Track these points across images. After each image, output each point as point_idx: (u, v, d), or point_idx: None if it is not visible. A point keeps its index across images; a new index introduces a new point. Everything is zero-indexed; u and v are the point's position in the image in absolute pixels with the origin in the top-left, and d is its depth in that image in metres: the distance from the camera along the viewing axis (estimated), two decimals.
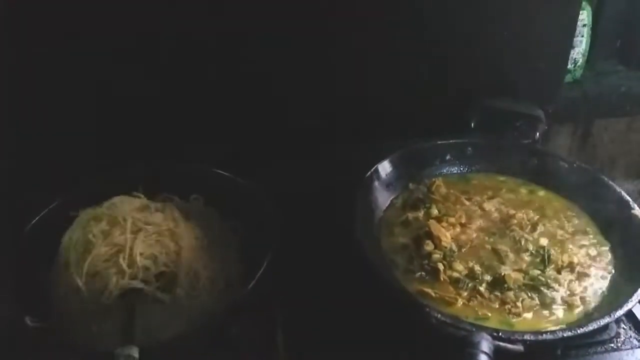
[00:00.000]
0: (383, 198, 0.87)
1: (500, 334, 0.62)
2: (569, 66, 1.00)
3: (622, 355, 0.72)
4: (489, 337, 0.59)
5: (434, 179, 0.90)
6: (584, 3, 0.95)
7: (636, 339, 0.74)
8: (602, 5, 1.01)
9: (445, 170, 0.92)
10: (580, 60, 1.01)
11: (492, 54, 0.92)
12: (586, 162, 1.10)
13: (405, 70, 0.91)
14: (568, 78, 1.02)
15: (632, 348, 0.73)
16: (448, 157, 0.92)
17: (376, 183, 0.86)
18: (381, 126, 0.92)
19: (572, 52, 0.99)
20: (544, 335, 0.62)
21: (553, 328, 0.68)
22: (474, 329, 0.61)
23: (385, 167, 0.87)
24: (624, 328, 0.74)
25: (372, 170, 0.86)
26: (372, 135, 0.92)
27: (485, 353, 0.57)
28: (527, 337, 0.62)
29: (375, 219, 0.84)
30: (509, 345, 0.60)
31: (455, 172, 0.92)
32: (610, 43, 1.04)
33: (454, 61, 0.91)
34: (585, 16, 0.97)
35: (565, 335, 0.62)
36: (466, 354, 0.57)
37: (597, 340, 0.71)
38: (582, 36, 0.98)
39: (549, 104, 0.95)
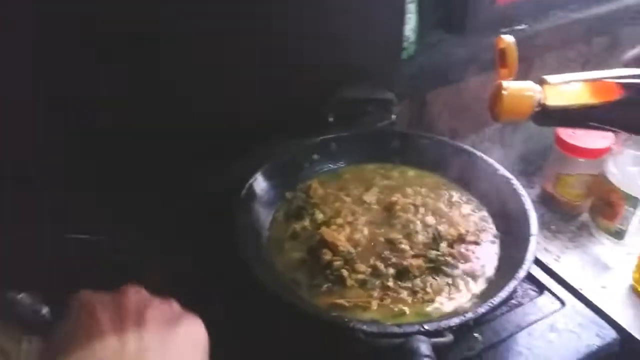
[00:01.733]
0: (264, 215, 0.81)
1: (427, 327, 0.61)
2: (404, 44, 1.02)
3: (526, 308, 0.76)
4: (424, 339, 0.58)
5: (309, 182, 0.87)
6: None
7: (532, 290, 0.79)
8: None
9: (316, 171, 0.89)
10: (412, 37, 1.04)
11: (333, 46, 0.90)
12: (428, 132, 1.15)
13: (252, 80, 0.86)
14: (403, 55, 1.04)
15: (531, 299, 0.77)
16: (315, 156, 0.90)
17: (254, 202, 0.80)
18: (240, 138, 0.86)
19: (409, 30, 1.01)
20: (467, 315, 0.62)
21: (468, 304, 0.69)
22: (407, 333, 0.59)
23: (259, 183, 0.82)
24: None
25: (245, 189, 0.80)
26: (233, 149, 0.85)
27: (428, 356, 0.56)
28: (453, 323, 0.62)
29: (263, 240, 0.78)
30: (442, 339, 0.60)
31: (326, 170, 0.90)
32: (434, 14, 1.08)
33: (298, 60, 0.87)
34: None
35: (485, 310, 0.63)
36: None
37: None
38: (411, 12, 1.01)
39: (393, 85, 0.96)
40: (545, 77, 0.57)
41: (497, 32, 1.16)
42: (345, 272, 0.72)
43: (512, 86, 0.56)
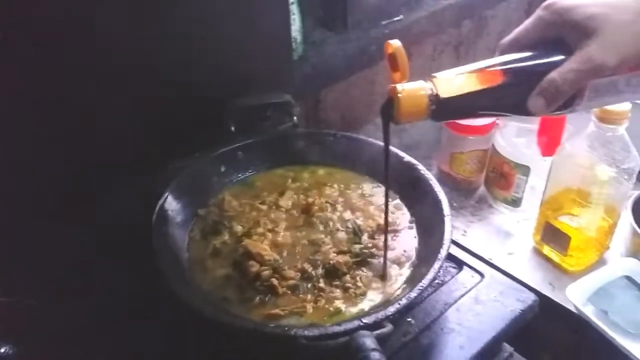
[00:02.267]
0: (180, 236, 0.78)
1: (366, 321, 0.62)
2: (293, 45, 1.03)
3: (450, 286, 0.79)
4: (368, 333, 0.58)
5: (220, 196, 0.84)
6: None
7: (452, 267, 0.82)
8: None
9: (226, 183, 0.87)
10: (299, 37, 1.04)
11: (224, 56, 0.88)
12: (325, 128, 1.16)
13: (149, 99, 0.82)
14: (294, 56, 1.05)
15: (453, 276, 0.81)
16: (223, 168, 0.87)
17: (167, 225, 0.77)
18: (149, 157, 0.82)
19: (295, 31, 1.01)
20: (402, 302, 0.64)
21: (399, 290, 0.70)
22: (349, 331, 0.59)
23: (169, 204, 0.78)
24: None
25: (156, 213, 0.76)
26: (138, 171, 0.81)
27: (375, 349, 0.56)
28: (390, 312, 0.63)
29: (183, 263, 0.75)
30: (383, 330, 0.61)
31: (236, 181, 0.88)
32: (316, 14, 1.10)
33: (195, 72, 0.85)
34: None
35: (417, 293, 0.65)
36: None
37: None
38: (294, 13, 1.01)
39: (289, 87, 0.96)
40: (434, 74, 0.59)
41: (377, 25, 1.20)
42: (275, 281, 0.71)
43: (405, 88, 0.58)
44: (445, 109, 0.58)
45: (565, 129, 1.07)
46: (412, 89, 0.58)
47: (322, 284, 0.72)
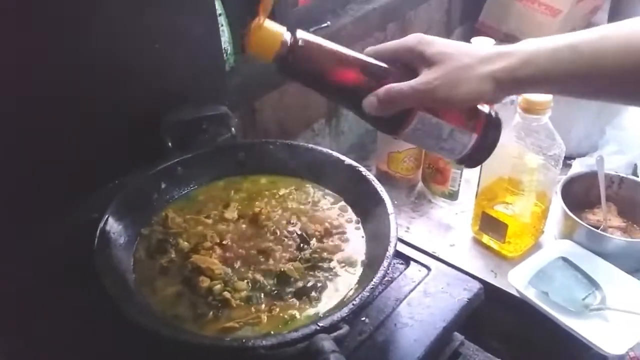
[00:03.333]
0: (125, 258, 0.76)
1: (322, 324, 0.62)
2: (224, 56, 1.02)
3: (399, 281, 0.81)
4: (325, 336, 0.59)
5: (163, 213, 0.83)
6: None
7: (399, 264, 0.84)
8: None
9: (168, 199, 0.86)
10: (229, 48, 1.04)
11: (157, 72, 0.87)
12: (263, 137, 1.17)
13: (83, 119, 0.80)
14: (227, 68, 1.04)
15: (401, 272, 0.82)
16: (163, 185, 0.86)
17: (110, 248, 0.74)
18: (86, 180, 0.79)
19: (225, 42, 1.01)
20: (355, 302, 0.64)
21: (351, 291, 0.72)
22: (307, 336, 0.60)
23: (111, 225, 0.76)
24: None
25: (97, 237, 0.74)
26: (75, 195, 0.79)
27: (334, 351, 0.57)
28: (345, 313, 0.63)
29: (130, 285, 0.73)
30: (340, 332, 0.61)
31: (178, 197, 0.87)
32: (244, 23, 1.10)
33: (128, 89, 0.83)
34: (218, 6, 0.99)
35: (369, 292, 0.66)
36: None
37: None
38: (222, 24, 1.01)
39: (225, 98, 0.96)
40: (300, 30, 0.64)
41: (306, 31, 1.22)
42: (227, 294, 0.70)
43: (268, 22, 0.62)
44: (293, 60, 0.62)
45: None
46: (274, 26, 0.62)
47: (275, 292, 0.72)
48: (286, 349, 0.60)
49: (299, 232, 0.80)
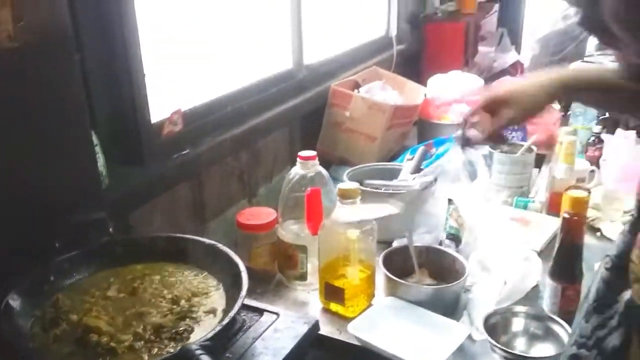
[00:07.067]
0: (24, 332, 0.91)
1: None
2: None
3: (256, 326, 1.02)
4: (192, 346, 0.79)
5: (55, 297, 0.99)
6: None
7: (255, 315, 1.06)
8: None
9: (57, 288, 1.02)
10: (104, 171, 1.27)
11: (45, 188, 1.07)
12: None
13: None
14: (103, 186, 1.26)
15: (257, 320, 1.04)
16: (52, 278, 1.03)
17: (10, 323, 0.90)
18: None
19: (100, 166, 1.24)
20: (203, 339, 0.85)
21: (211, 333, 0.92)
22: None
23: (9, 309, 0.92)
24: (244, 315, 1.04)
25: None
26: None
27: (203, 353, 0.77)
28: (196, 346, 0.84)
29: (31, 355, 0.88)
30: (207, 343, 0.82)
31: (67, 285, 1.04)
32: (116, 152, 1.35)
33: (21, 205, 1.02)
34: (94, 138, 1.24)
35: (213, 334, 0.87)
36: None
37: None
38: (98, 153, 1.25)
39: (103, 208, 1.17)
40: None
41: (169, 157, 1.49)
42: (113, 344, 0.88)
43: None
44: None
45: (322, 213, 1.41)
46: None
47: (153, 339, 0.90)
48: None
49: (170, 296, 1.00)
